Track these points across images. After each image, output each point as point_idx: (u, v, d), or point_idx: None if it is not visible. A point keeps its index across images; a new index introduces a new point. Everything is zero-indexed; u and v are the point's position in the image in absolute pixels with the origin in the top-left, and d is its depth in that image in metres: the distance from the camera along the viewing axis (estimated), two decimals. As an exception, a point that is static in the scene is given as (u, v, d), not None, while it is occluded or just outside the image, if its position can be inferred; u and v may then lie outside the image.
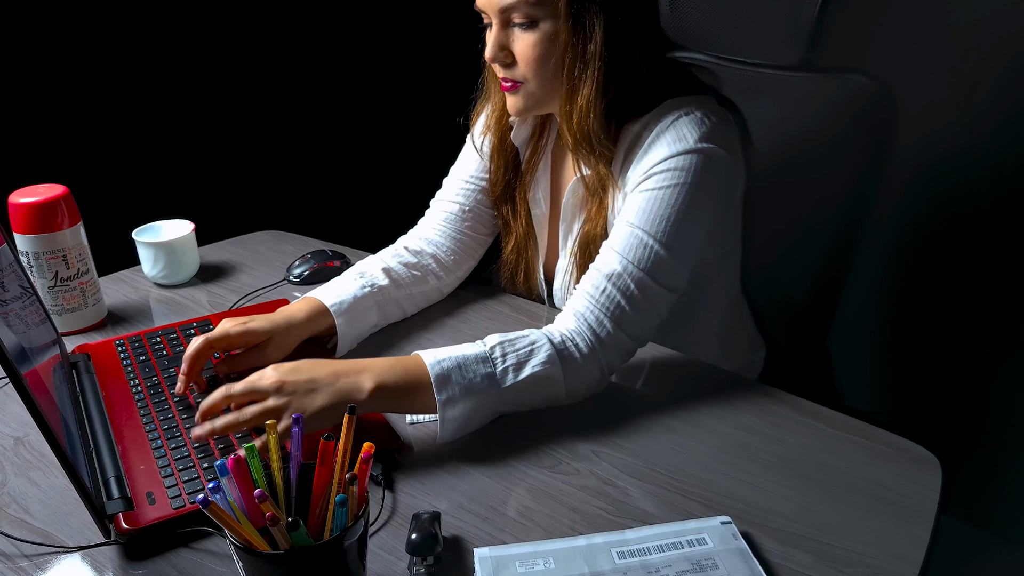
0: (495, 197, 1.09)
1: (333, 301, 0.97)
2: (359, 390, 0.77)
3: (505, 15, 0.89)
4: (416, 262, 1.07)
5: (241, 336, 0.89)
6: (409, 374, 0.80)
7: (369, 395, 0.77)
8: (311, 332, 0.95)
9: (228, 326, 0.89)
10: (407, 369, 0.80)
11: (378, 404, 0.78)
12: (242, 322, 0.89)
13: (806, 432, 0.83)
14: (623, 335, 0.86)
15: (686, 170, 0.87)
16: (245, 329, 0.89)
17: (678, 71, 0.96)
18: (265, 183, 1.96)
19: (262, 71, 1.91)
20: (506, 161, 1.07)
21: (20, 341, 0.70)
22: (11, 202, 0.99)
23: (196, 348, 0.86)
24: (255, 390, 0.76)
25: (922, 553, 0.67)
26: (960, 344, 1.45)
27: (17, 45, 1.55)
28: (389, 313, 1.04)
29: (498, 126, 1.05)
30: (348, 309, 0.97)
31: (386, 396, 0.78)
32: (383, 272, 1.03)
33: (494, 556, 0.66)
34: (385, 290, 1.02)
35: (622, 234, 0.88)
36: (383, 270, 1.03)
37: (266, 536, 0.55)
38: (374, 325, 1.02)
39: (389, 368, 0.80)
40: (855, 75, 1.09)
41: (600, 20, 0.86)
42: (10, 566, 0.67)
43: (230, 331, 0.88)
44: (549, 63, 0.89)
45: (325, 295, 0.98)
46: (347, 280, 1.01)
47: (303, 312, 0.95)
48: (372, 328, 1.02)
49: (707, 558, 0.66)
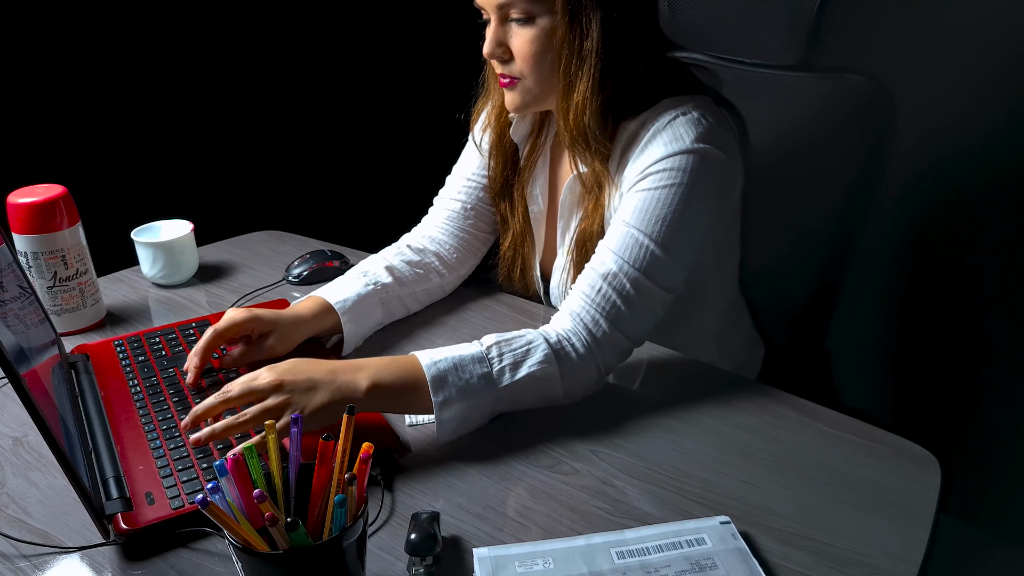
0: (494, 193, 1.10)
1: (338, 299, 0.97)
2: (356, 388, 0.77)
3: (503, 11, 0.90)
4: (419, 260, 1.07)
5: (247, 323, 0.90)
6: (406, 373, 0.80)
7: (366, 393, 0.77)
8: (316, 330, 0.96)
9: (234, 314, 0.90)
10: (404, 368, 0.80)
11: (375, 403, 0.79)
12: (248, 310, 0.91)
13: (805, 432, 0.83)
14: (619, 335, 0.86)
15: (682, 170, 0.87)
16: (251, 316, 0.90)
17: (677, 70, 0.96)
18: (264, 183, 1.96)
19: (261, 71, 1.91)
20: (505, 157, 1.07)
21: (19, 341, 0.70)
22: (10, 202, 0.99)
23: (206, 340, 0.89)
24: (252, 391, 0.76)
25: (921, 552, 0.67)
26: (959, 343, 1.45)
27: (17, 45, 1.55)
28: (393, 311, 1.04)
29: (497, 122, 1.05)
30: (352, 307, 0.98)
31: (382, 395, 0.78)
32: (386, 270, 1.03)
33: (493, 556, 0.66)
34: (388, 288, 1.02)
35: (618, 233, 0.88)
36: (386, 268, 1.03)
37: (265, 536, 0.55)
38: (378, 323, 1.03)
39: (385, 367, 0.80)
40: (853, 75, 1.09)
41: (597, 16, 0.86)
42: (9, 566, 0.67)
43: (236, 318, 0.90)
44: (546, 59, 0.90)
45: (329, 294, 0.98)
46: (351, 279, 1.02)
47: (308, 310, 0.96)
48: (377, 326, 1.03)
49: (706, 558, 0.66)
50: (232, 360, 0.91)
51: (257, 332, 0.92)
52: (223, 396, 0.77)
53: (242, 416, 0.75)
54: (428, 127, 2.10)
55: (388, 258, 1.06)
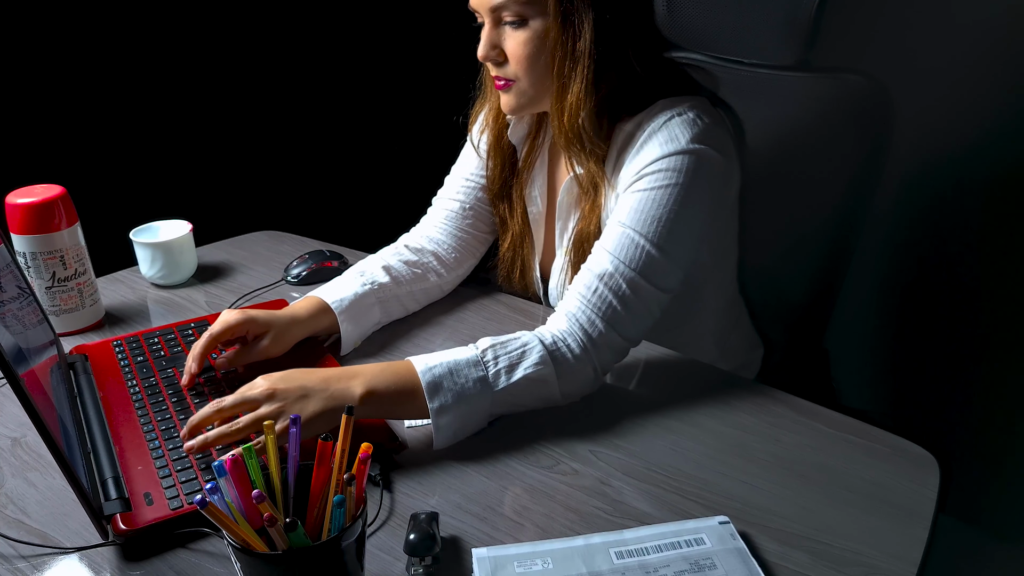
0: (492, 195, 1.10)
1: (334, 299, 0.97)
2: (350, 396, 0.77)
3: (496, 14, 0.90)
4: (417, 260, 1.08)
5: (242, 324, 0.90)
6: (400, 379, 0.80)
7: (360, 401, 0.77)
8: (312, 330, 0.96)
9: (229, 316, 0.90)
10: (398, 374, 0.80)
11: (370, 410, 0.79)
12: (243, 312, 0.91)
13: (804, 432, 0.84)
14: (615, 335, 0.86)
15: (678, 171, 0.87)
16: (246, 317, 0.90)
17: (673, 71, 0.96)
18: (263, 183, 1.96)
19: (260, 71, 1.91)
20: (503, 159, 1.08)
21: (17, 342, 0.69)
22: (8, 202, 0.99)
23: (202, 344, 0.88)
24: (246, 400, 0.76)
25: (920, 552, 0.67)
26: (957, 343, 1.45)
27: (16, 45, 1.55)
28: (391, 310, 1.04)
29: (495, 124, 1.05)
30: (349, 307, 0.98)
31: (377, 402, 0.79)
32: (383, 270, 1.03)
33: (492, 556, 0.66)
34: (386, 287, 1.02)
35: (614, 234, 0.88)
36: (383, 268, 1.04)
37: (264, 537, 0.55)
38: (376, 323, 1.03)
39: (380, 373, 0.80)
40: (852, 75, 1.09)
41: (589, 18, 0.86)
42: (8, 567, 0.67)
43: (230, 320, 0.89)
44: (539, 61, 0.90)
45: (327, 294, 0.98)
46: (348, 279, 1.02)
47: (305, 310, 0.96)
48: (375, 326, 1.03)
49: (705, 558, 0.66)
50: (227, 361, 0.91)
51: (252, 334, 0.92)
52: (217, 406, 0.77)
53: (235, 424, 0.75)
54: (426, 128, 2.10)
55: (386, 258, 1.06)
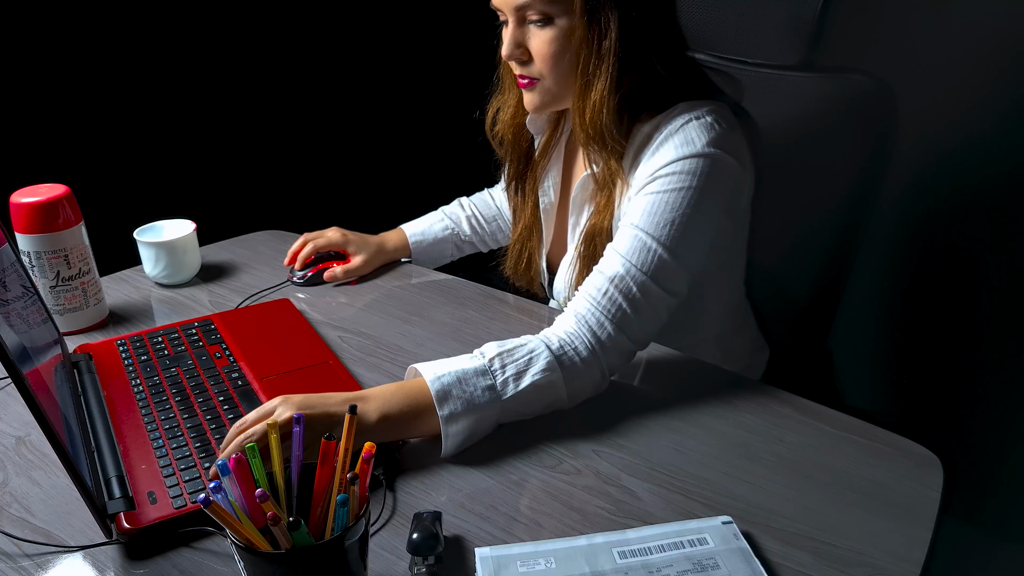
0: (507, 186, 1.13)
1: (415, 239, 1.25)
2: (366, 421, 0.77)
3: (521, 13, 0.90)
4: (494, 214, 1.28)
5: (341, 243, 1.18)
6: (411, 399, 0.79)
7: (375, 425, 0.77)
8: (395, 259, 1.24)
9: (332, 234, 1.19)
10: (409, 395, 0.79)
11: (385, 434, 0.78)
12: (343, 233, 1.19)
13: (807, 432, 0.83)
14: (624, 337, 0.86)
15: (692, 174, 0.87)
16: (346, 239, 1.19)
17: (695, 73, 0.96)
18: (267, 183, 1.96)
19: (264, 71, 1.91)
20: (519, 152, 1.10)
21: (22, 341, 0.70)
22: (13, 202, 0.99)
23: (307, 251, 1.18)
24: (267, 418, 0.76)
25: (923, 553, 0.67)
26: (962, 343, 1.45)
27: (18, 45, 1.55)
28: (464, 249, 1.30)
29: (513, 120, 1.07)
30: (429, 248, 1.25)
31: (391, 425, 0.78)
32: (466, 220, 1.28)
33: (495, 556, 0.67)
34: (463, 233, 1.28)
35: (626, 236, 0.88)
36: (467, 218, 1.28)
37: (267, 536, 0.55)
38: (449, 257, 1.29)
39: (392, 396, 0.79)
40: (855, 74, 1.09)
41: (615, 16, 0.86)
42: (12, 565, 0.67)
43: (333, 238, 1.18)
44: (564, 59, 0.90)
45: (411, 230, 1.26)
46: (431, 221, 1.27)
47: (392, 242, 1.24)
48: (448, 260, 1.29)
49: (708, 558, 0.66)
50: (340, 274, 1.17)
51: (344, 249, 1.18)
52: (240, 427, 0.75)
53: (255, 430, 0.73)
54: (430, 128, 2.10)
55: (468, 208, 1.28)
